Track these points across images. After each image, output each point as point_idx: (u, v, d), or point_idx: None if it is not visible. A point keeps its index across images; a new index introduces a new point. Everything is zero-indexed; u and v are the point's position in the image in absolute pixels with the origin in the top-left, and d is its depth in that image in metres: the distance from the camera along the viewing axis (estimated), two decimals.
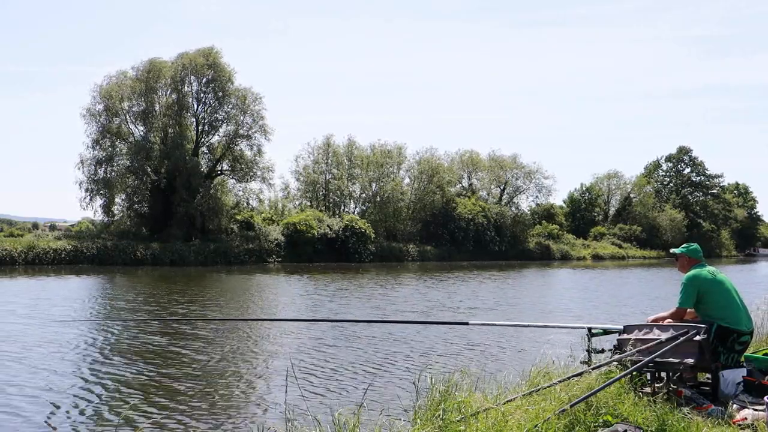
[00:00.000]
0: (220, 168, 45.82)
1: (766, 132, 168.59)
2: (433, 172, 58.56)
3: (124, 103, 42.29)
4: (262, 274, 32.79)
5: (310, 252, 43.89)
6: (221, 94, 43.79)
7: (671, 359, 4.83)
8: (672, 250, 6.07)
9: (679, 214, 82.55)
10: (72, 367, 9.82)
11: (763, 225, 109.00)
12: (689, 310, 5.43)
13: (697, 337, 4.88)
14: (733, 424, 4.36)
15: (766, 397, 4.38)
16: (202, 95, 44.13)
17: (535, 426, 3.92)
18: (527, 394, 4.58)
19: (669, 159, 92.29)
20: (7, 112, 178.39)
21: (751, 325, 5.41)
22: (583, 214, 79.79)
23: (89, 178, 41.57)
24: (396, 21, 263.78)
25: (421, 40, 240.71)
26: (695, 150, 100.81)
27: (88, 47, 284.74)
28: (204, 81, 43.70)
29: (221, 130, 45.12)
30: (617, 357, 5.05)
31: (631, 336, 5.18)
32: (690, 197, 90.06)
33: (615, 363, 4.97)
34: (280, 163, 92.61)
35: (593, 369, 4.78)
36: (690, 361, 4.82)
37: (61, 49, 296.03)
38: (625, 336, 5.26)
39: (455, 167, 65.42)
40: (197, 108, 44.43)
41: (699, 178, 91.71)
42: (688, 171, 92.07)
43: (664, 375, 4.98)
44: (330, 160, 57.12)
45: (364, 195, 57.99)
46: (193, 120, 44.74)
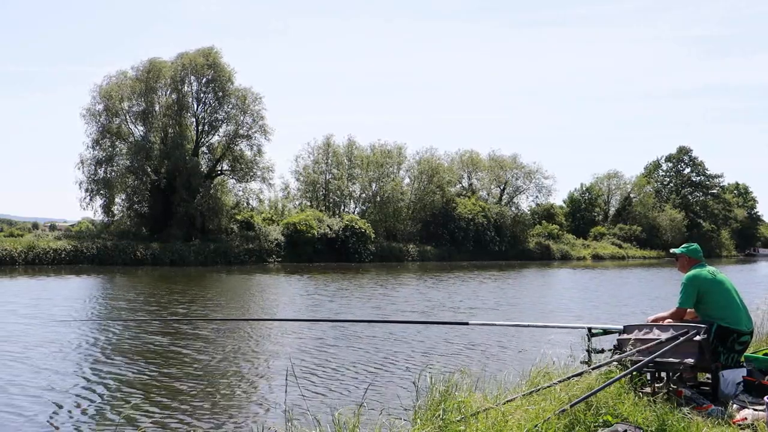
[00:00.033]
0: (220, 168, 45.81)
1: (766, 132, 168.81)
2: (433, 172, 58.54)
3: (124, 103, 42.28)
4: (262, 274, 32.79)
5: (310, 252, 43.89)
6: (221, 94, 43.78)
7: (671, 359, 4.84)
8: (672, 250, 6.08)
9: (679, 214, 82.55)
10: (74, 366, 9.84)
11: (763, 225, 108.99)
12: (689, 310, 5.44)
13: (697, 337, 4.89)
14: (733, 424, 4.36)
15: (766, 397, 4.39)
16: (202, 95, 44.14)
17: (535, 426, 3.93)
18: (527, 394, 4.58)
19: (669, 159, 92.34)
20: (7, 112, 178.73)
21: (751, 325, 5.41)
22: (583, 214, 79.77)
23: (89, 178, 41.61)
24: (396, 21, 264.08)
25: (421, 40, 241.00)
26: (695, 150, 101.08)
27: (88, 47, 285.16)
28: (204, 81, 43.69)
29: (221, 130, 45.17)
30: (617, 357, 5.06)
31: (631, 336, 5.18)
32: (690, 197, 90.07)
33: (615, 363, 4.98)
34: (280, 163, 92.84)
35: (593, 369, 4.78)
36: (690, 361, 4.83)
37: (61, 49, 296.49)
38: (625, 336, 5.27)
39: (455, 167, 65.40)
40: (197, 108, 44.47)
41: (699, 178, 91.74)
42: (688, 171, 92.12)
43: (664, 375, 4.98)
44: (330, 160, 57.11)
45: (364, 195, 57.99)
46: (193, 120, 44.75)
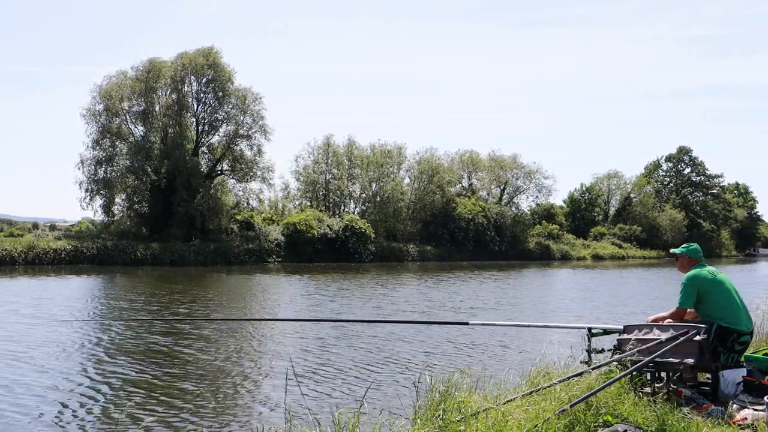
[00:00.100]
0: (220, 168, 45.81)
1: (766, 132, 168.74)
2: (433, 172, 58.52)
3: (124, 103, 42.27)
4: (262, 274, 32.79)
5: (310, 252, 43.88)
6: (221, 94, 43.77)
7: (671, 359, 4.84)
8: (672, 250, 6.08)
9: (679, 214, 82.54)
10: (77, 366, 9.87)
11: (763, 225, 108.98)
12: (689, 310, 5.45)
13: (697, 337, 4.89)
14: (733, 424, 4.37)
15: (766, 397, 4.40)
16: (202, 95, 44.13)
17: (535, 426, 3.93)
18: (527, 394, 4.59)
19: (669, 159, 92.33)
20: (7, 112, 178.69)
21: (751, 325, 5.42)
22: (583, 214, 79.77)
23: (89, 178, 41.59)
24: (396, 21, 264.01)
25: (421, 40, 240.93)
26: (695, 150, 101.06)
27: (88, 47, 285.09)
28: (204, 81, 43.68)
29: (221, 130, 45.14)
30: (617, 357, 5.07)
31: (631, 336, 5.19)
32: (690, 197, 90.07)
33: (615, 363, 4.99)
34: (280, 163, 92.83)
35: (593, 369, 4.79)
36: (690, 361, 4.84)
37: (61, 49, 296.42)
38: (625, 336, 5.27)
39: (455, 167, 65.37)
40: (197, 108, 44.45)
41: (699, 178, 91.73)
42: (688, 171, 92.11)
43: (664, 375, 4.99)
44: (330, 160, 57.09)
45: (364, 195, 57.97)
46: (193, 120, 44.73)
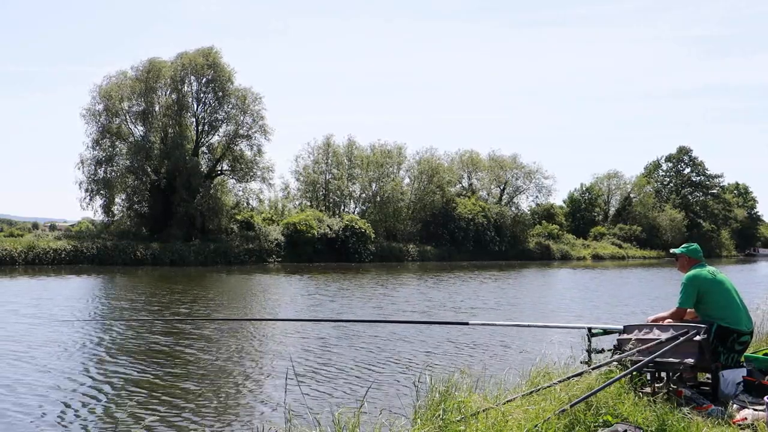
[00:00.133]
0: (220, 168, 45.80)
1: (766, 132, 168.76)
2: (433, 172, 58.52)
3: (124, 103, 42.26)
4: (262, 274, 32.79)
5: (310, 252, 43.88)
6: (221, 94, 43.77)
7: (671, 359, 4.84)
8: (672, 250, 6.08)
9: (679, 214, 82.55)
10: (79, 366, 9.89)
11: (763, 225, 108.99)
12: (689, 310, 5.45)
13: (697, 337, 4.89)
14: (733, 424, 4.37)
15: (766, 397, 4.40)
16: (202, 95, 44.13)
17: (535, 426, 3.93)
18: (527, 394, 4.59)
19: (669, 159, 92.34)
20: (7, 112, 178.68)
21: (751, 325, 5.42)
22: (583, 214, 79.77)
23: (89, 178, 41.59)
24: (396, 21, 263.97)
25: (421, 40, 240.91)
26: (695, 150, 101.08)
27: (88, 47, 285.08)
28: (204, 81, 43.68)
29: (221, 130, 45.14)
30: (617, 357, 5.07)
31: (631, 336, 5.19)
32: (690, 197, 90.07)
33: (615, 363, 4.99)
34: (280, 163, 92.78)
35: (593, 369, 4.79)
36: (690, 361, 4.84)
37: (61, 49, 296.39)
38: (625, 336, 5.27)
39: (455, 167, 65.38)
40: (197, 108, 44.45)
41: (699, 178, 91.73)
42: (688, 171, 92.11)
43: (664, 375, 4.99)
44: (330, 160, 57.09)
45: (364, 195, 57.97)
46: (193, 120, 44.73)
